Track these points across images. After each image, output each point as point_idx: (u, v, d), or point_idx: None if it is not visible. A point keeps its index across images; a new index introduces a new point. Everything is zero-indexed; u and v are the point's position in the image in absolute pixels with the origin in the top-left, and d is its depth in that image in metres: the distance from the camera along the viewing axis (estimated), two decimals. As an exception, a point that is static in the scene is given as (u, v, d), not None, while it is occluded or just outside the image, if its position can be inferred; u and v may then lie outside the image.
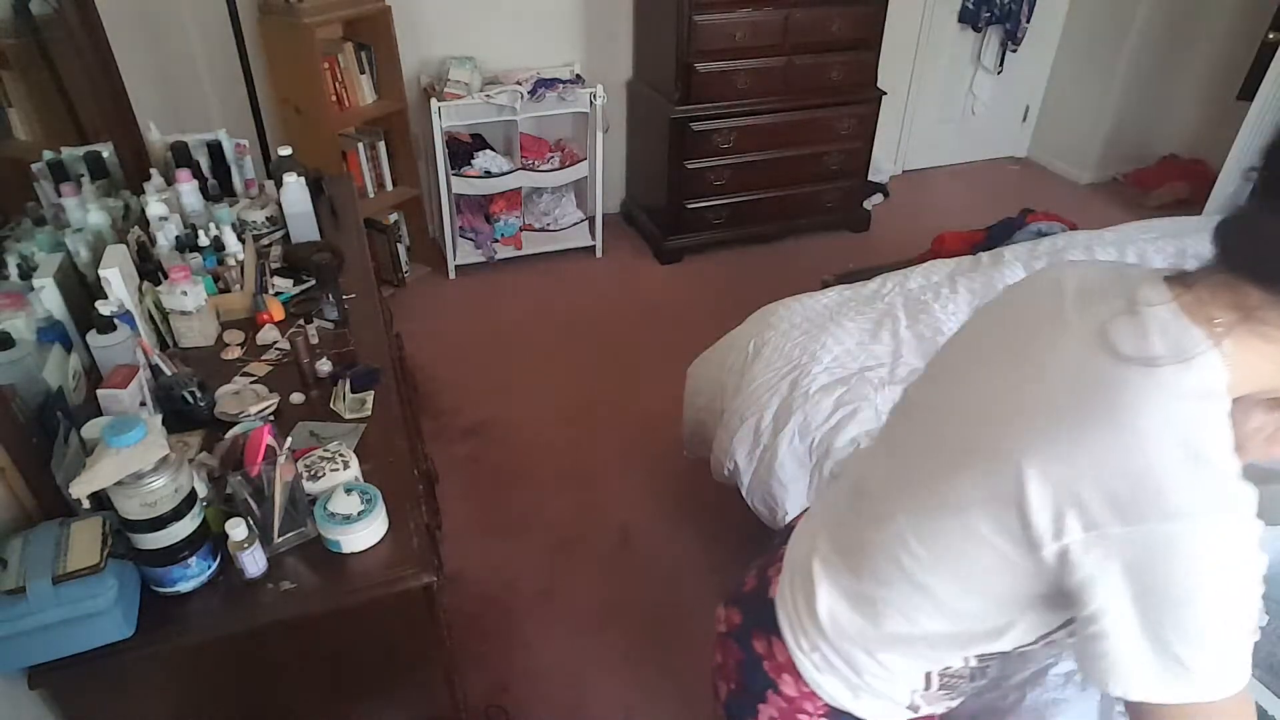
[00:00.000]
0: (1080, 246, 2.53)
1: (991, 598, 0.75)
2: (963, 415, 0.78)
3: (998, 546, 0.70)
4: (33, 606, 0.97)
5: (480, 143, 3.56)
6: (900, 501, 0.81)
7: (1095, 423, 0.65)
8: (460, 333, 3.28)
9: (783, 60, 3.43)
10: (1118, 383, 0.65)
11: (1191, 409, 0.62)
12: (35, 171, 1.75)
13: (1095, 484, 0.63)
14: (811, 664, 0.89)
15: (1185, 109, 4.36)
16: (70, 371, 1.36)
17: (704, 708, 1.88)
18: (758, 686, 0.95)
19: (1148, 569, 0.62)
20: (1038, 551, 0.67)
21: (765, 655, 0.94)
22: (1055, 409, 0.68)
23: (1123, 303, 0.69)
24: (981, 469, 0.71)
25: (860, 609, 0.85)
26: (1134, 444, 0.63)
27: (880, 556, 0.82)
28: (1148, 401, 0.63)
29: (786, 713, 0.93)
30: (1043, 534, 0.66)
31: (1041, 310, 0.76)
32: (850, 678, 0.87)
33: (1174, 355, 0.63)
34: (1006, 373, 0.75)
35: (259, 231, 1.99)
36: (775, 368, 2.01)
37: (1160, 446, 0.62)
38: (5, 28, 1.81)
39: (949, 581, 0.76)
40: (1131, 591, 0.63)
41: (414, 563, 1.16)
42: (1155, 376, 0.63)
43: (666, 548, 2.31)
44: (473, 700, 1.82)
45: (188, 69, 3.01)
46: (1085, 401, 0.66)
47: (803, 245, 3.90)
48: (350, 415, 1.44)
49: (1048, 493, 0.66)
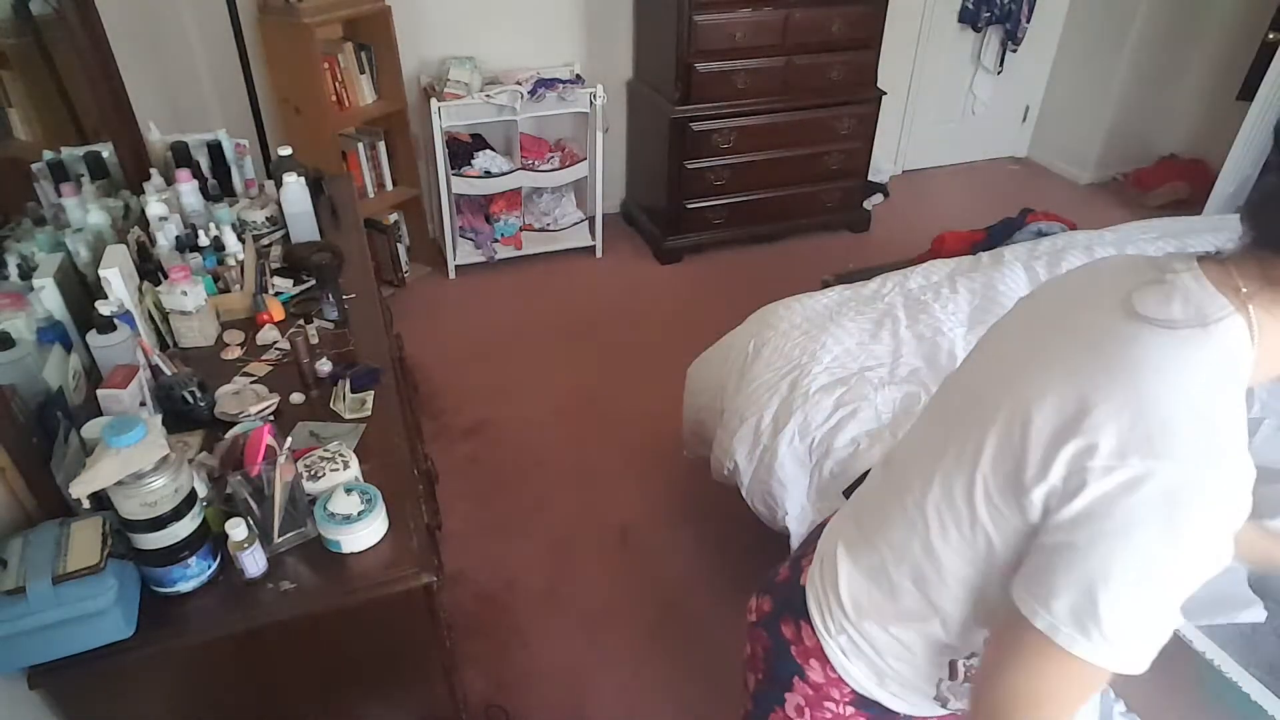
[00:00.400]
0: (1080, 246, 2.53)
1: (988, 569, 0.75)
2: (994, 381, 0.79)
3: (994, 500, 0.71)
4: (33, 606, 0.97)
5: (480, 143, 3.56)
6: (925, 465, 0.82)
7: (1107, 374, 0.66)
8: (460, 333, 3.28)
9: (782, 60, 3.43)
10: (1136, 340, 0.66)
11: (1206, 372, 0.63)
12: (35, 171, 1.75)
13: (1091, 428, 0.64)
14: (838, 647, 0.89)
15: (1185, 109, 4.36)
16: (70, 371, 1.36)
17: (705, 707, 1.88)
18: (785, 674, 0.95)
19: (1126, 507, 0.62)
20: (1025, 496, 0.68)
21: (793, 640, 0.95)
22: (1073, 364, 0.69)
23: (1153, 273, 0.71)
24: (1000, 421, 0.73)
25: (878, 583, 0.85)
26: (1140, 393, 0.63)
27: (899, 525, 0.83)
28: (1163, 359, 0.64)
29: (814, 700, 0.93)
30: (1032, 477, 0.67)
31: (1076, 289, 0.78)
32: (875, 661, 0.87)
33: (1194, 319, 0.64)
34: (1037, 342, 0.77)
35: (259, 231, 1.99)
36: (775, 368, 2.01)
37: (1168, 399, 0.62)
38: (5, 28, 1.81)
39: (955, 550, 0.77)
40: (1097, 526, 0.63)
41: (414, 563, 1.16)
42: (1174, 337, 0.64)
43: (666, 548, 2.31)
44: (473, 700, 1.82)
45: (188, 69, 3.01)
46: (1102, 356, 0.67)
47: (803, 245, 3.90)
48: (350, 415, 1.44)
49: (1045, 435, 0.67)
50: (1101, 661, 0.64)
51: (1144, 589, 0.62)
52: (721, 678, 1.89)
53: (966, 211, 4.06)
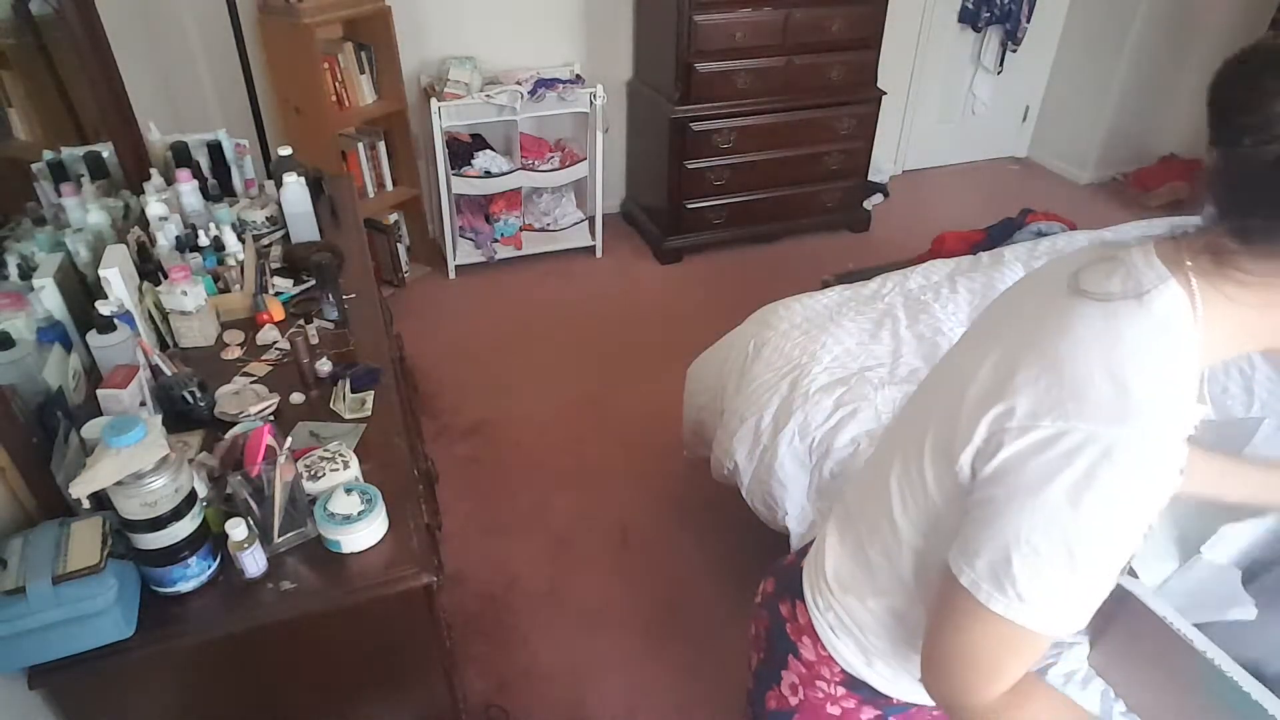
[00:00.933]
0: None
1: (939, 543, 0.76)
2: (952, 361, 0.82)
3: (938, 468, 0.73)
4: (33, 606, 0.97)
5: (480, 143, 3.56)
6: (896, 443, 0.85)
7: (1035, 344, 0.67)
8: (460, 333, 3.28)
9: (783, 60, 3.43)
10: (1069, 312, 0.67)
11: (1134, 341, 0.63)
12: (35, 171, 1.75)
13: (1011, 392, 0.66)
14: (827, 624, 0.91)
15: (1185, 109, 4.36)
16: (70, 371, 1.36)
17: (705, 707, 1.88)
18: (781, 652, 0.97)
19: (1034, 465, 0.63)
20: (955, 462, 0.70)
21: (789, 618, 0.96)
22: (1011, 339, 0.71)
23: (1107, 252, 0.71)
24: (944, 394, 0.76)
25: (857, 559, 0.88)
26: (1059, 359, 0.65)
27: (872, 500, 0.85)
28: (1088, 328, 0.65)
29: (806, 678, 0.95)
30: (960, 443, 0.69)
31: (1039, 274, 0.80)
32: (860, 638, 0.88)
33: (1130, 291, 0.65)
34: (992, 324, 0.79)
35: (259, 231, 1.99)
36: (775, 368, 2.01)
37: (1084, 362, 0.63)
38: (5, 28, 1.81)
39: (912, 522, 0.79)
40: (1010, 483, 0.64)
41: (414, 563, 1.16)
42: (1106, 309, 0.65)
43: (666, 547, 2.31)
44: (473, 700, 1.82)
45: (188, 69, 3.01)
46: (1036, 329, 0.69)
47: (803, 245, 3.90)
48: (350, 415, 1.44)
49: (973, 402, 0.69)
50: (1021, 620, 0.65)
51: (1053, 549, 0.62)
52: (722, 677, 1.89)
53: (966, 211, 4.06)
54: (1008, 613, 0.65)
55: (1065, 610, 0.65)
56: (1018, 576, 0.63)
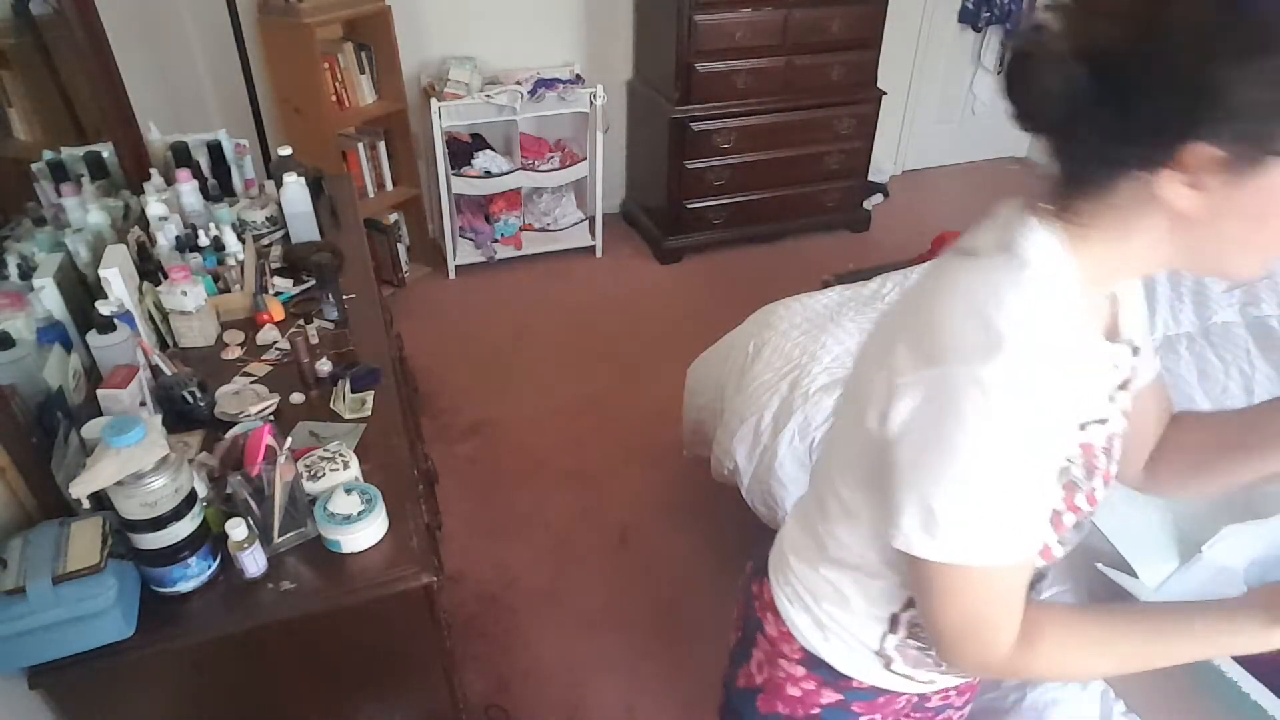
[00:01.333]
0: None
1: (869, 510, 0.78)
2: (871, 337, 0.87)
3: (858, 435, 0.75)
4: (33, 606, 0.97)
5: (480, 143, 3.56)
6: (841, 424, 0.87)
7: (914, 300, 0.73)
8: (460, 333, 3.28)
9: (783, 60, 3.43)
10: (943, 271, 0.72)
11: (996, 286, 0.66)
12: (35, 171, 1.75)
13: (892, 353, 0.69)
14: (785, 597, 0.93)
15: (1185, 109, 4.36)
16: (70, 371, 1.36)
17: (705, 707, 1.88)
18: (750, 630, 0.99)
19: (921, 415, 0.66)
20: (863, 425, 0.73)
21: (756, 595, 0.99)
22: (901, 305, 0.76)
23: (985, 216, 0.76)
24: (863, 364, 0.80)
25: (809, 531, 0.89)
26: (929, 313, 0.68)
27: (820, 478, 0.88)
28: (955, 281, 0.69)
29: (770, 655, 0.96)
30: (866, 407, 0.72)
31: None
32: (815, 611, 0.89)
33: (996, 245, 0.69)
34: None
35: (259, 231, 1.99)
36: (775, 368, 2.01)
37: (947, 310, 0.67)
38: (5, 28, 1.81)
39: (851, 492, 0.80)
40: (909, 439, 0.67)
41: (414, 563, 1.17)
42: (975, 262, 0.69)
43: (666, 548, 2.31)
44: (473, 700, 1.82)
45: (188, 69, 3.01)
46: (919, 293, 0.73)
47: (803, 245, 3.90)
48: (350, 415, 1.44)
49: (874, 367, 0.72)
50: (962, 560, 0.66)
51: (962, 486, 0.64)
52: (721, 677, 1.89)
53: (966, 211, 4.01)
54: (951, 557, 0.66)
55: (1000, 538, 0.66)
56: (941, 520, 0.65)
